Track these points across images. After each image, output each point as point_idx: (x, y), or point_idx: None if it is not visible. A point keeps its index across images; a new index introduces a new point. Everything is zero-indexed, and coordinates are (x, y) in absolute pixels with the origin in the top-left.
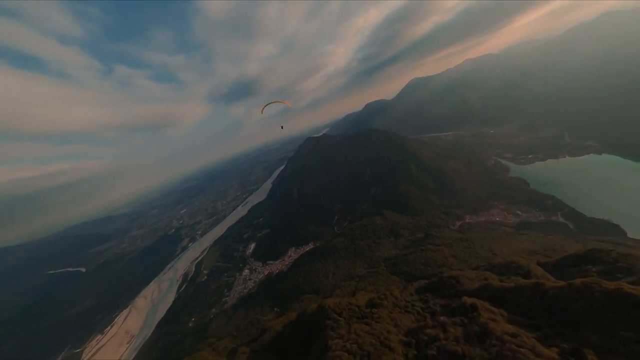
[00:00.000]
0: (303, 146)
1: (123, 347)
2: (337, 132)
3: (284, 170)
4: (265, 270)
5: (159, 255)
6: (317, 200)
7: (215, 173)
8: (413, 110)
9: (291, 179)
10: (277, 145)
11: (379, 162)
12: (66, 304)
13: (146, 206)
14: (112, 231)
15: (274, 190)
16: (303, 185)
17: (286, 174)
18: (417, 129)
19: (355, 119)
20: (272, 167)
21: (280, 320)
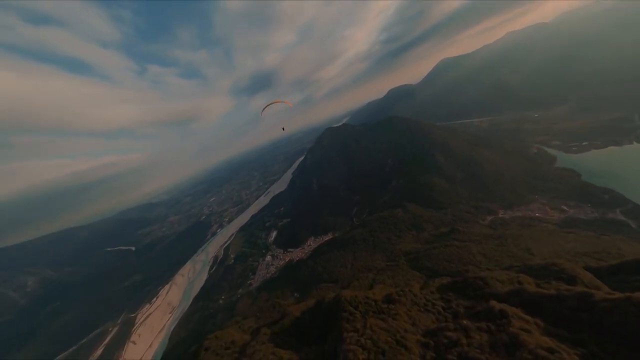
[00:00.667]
0: (322, 137)
1: (166, 317)
2: (357, 121)
3: (303, 161)
4: (286, 257)
5: (193, 239)
6: (336, 191)
7: (239, 164)
8: (442, 95)
9: (310, 169)
10: (297, 136)
11: (402, 152)
12: (121, 276)
13: (181, 194)
14: (154, 216)
15: (294, 181)
16: (322, 176)
17: (306, 165)
18: (446, 115)
19: (376, 107)
20: (292, 157)
21: (300, 306)
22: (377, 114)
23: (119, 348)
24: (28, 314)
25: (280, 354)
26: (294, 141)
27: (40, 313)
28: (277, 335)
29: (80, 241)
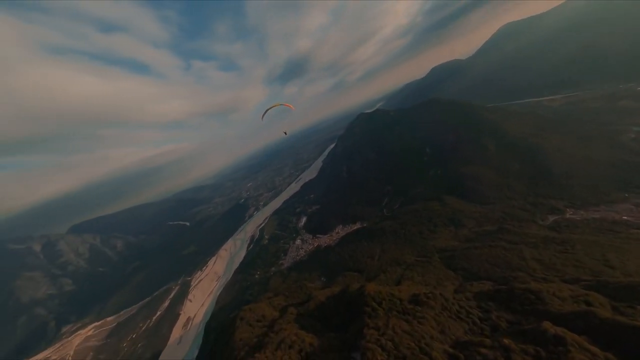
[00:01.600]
0: (354, 123)
1: (213, 283)
2: (392, 105)
3: (334, 148)
4: (314, 242)
5: (233, 219)
6: (367, 181)
7: (273, 151)
8: (499, 69)
9: (341, 157)
10: (328, 123)
11: (442, 139)
12: (180, 246)
13: (224, 179)
14: (202, 197)
15: (324, 169)
16: (352, 165)
17: (336, 153)
18: (504, 94)
19: (416, 88)
20: (323, 145)
21: (325, 292)
22: (416, 97)
23: (179, 303)
24: (118, 268)
25: (303, 335)
26: (325, 129)
27: (126, 269)
28: (302, 316)
29: (150, 215)
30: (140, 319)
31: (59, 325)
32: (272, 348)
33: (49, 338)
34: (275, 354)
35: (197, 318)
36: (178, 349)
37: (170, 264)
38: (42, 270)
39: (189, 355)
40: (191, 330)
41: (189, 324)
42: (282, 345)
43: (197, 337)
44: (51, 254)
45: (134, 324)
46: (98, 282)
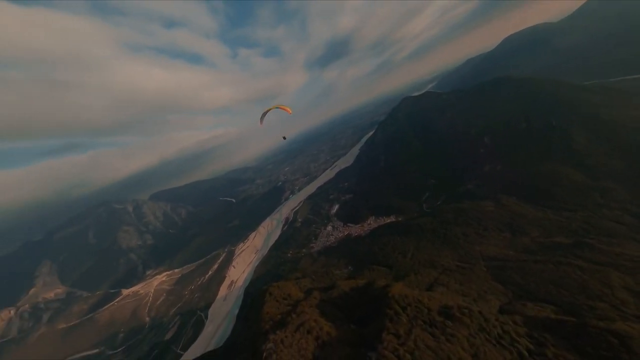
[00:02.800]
0: (398, 108)
1: (252, 255)
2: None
3: (373, 135)
4: (345, 231)
5: (271, 200)
6: (406, 172)
7: (311, 137)
8: (610, 33)
9: (379, 145)
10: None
11: (507, 128)
12: (227, 219)
13: (265, 162)
14: (246, 178)
15: (360, 157)
16: (392, 154)
17: (375, 140)
18: (610, 69)
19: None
20: (361, 131)
21: (350, 283)
22: (478, 75)
23: (225, 267)
24: (182, 232)
25: (322, 323)
26: (364, 114)
27: (187, 233)
28: (325, 303)
29: (205, 190)
30: (197, 274)
31: (144, 268)
32: (292, 329)
33: (138, 277)
34: (294, 335)
35: (238, 282)
36: (223, 304)
37: (219, 234)
38: (133, 226)
39: (231, 312)
40: (234, 291)
41: (232, 286)
42: (301, 329)
43: (238, 298)
44: (138, 214)
45: (193, 278)
46: (169, 240)
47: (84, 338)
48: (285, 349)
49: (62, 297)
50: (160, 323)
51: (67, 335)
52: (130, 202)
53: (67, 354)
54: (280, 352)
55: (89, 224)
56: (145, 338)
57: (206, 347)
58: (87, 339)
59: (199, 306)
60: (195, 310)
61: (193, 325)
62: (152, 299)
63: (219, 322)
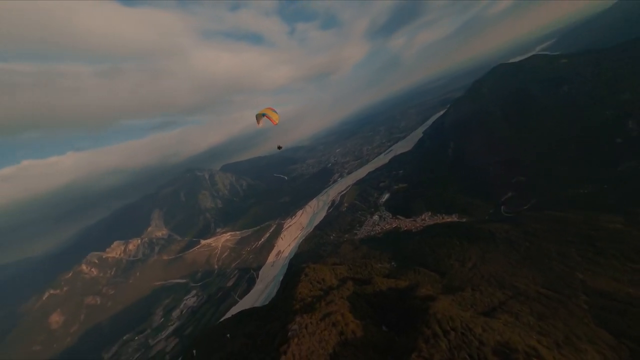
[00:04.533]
0: (483, 80)
1: (298, 231)
2: (571, 47)
3: (443, 116)
4: (393, 223)
5: (320, 181)
6: (483, 164)
7: (366, 117)
8: None
9: (450, 128)
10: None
11: None
12: (279, 194)
13: (317, 142)
14: (298, 156)
15: (423, 142)
16: (465, 139)
17: (444, 122)
18: None
19: (632, 11)
20: (428, 111)
21: (389, 281)
22: (630, 28)
23: (274, 237)
24: (242, 200)
25: (349, 319)
26: (434, 90)
27: (246, 203)
28: (358, 297)
29: (262, 165)
30: (252, 239)
31: (215, 226)
32: (318, 317)
33: (211, 232)
34: (319, 324)
35: (284, 253)
36: (271, 269)
37: (271, 207)
38: (208, 191)
39: (277, 277)
40: (280, 260)
41: (279, 255)
42: (327, 319)
43: (283, 267)
44: (212, 182)
45: (249, 241)
46: (233, 206)
47: (177, 269)
48: (307, 335)
49: (165, 237)
50: (224, 272)
51: (168, 265)
52: (207, 171)
53: (168, 278)
54: (301, 337)
55: (180, 185)
56: (214, 281)
57: (255, 301)
58: (179, 270)
59: (252, 266)
60: (249, 268)
61: (247, 280)
62: (220, 252)
63: (267, 283)
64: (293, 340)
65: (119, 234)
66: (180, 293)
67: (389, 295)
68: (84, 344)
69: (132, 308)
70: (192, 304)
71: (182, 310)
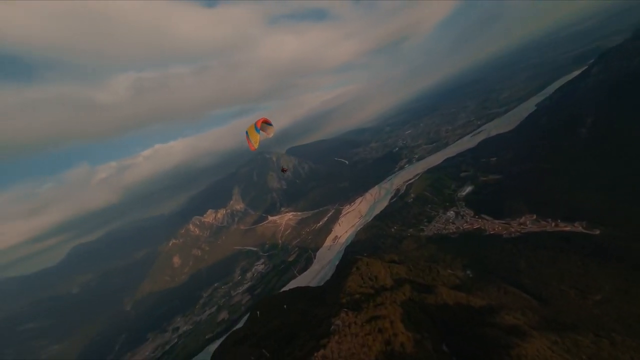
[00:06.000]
0: None
1: (356, 220)
2: None
3: (578, 78)
4: (474, 223)
5: (383, 167)
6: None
7: (449, 89)
8: None
9: (588, 96)
10: (570, 31)
11: None
12: (338, 179)
13: (383, 123)
14: (362, 140)
15: (536, 118)
16: (618, 112)
17: (578, 88)
18: None
19: None
20: (549, 74)
21: (458, 295)
22: None
23: (332, 222)
24: (304, 183)
25: (399, 330)
26: (559, 42)
27: (307, 186)
28: (414, 304)
29: (323, 149)
30: (311, 221)
31: (280, 205)
32: (363, 318)
33: (276, 210)
34: (363, 326)
35: (341, 239)
36: (327, 253)
37: (331, 191)
38: (275, 173)
39: (333, 261)
40: (336, 245)
41: (336, 240)
42: (373, 323)
43: (339, 252)
44: (278, 164)
45: (308, 223)
46: (295, 188)
47: (250, 238)
48: (349, 334)
49: (242, 210)
50: (286, 247)
51: (244, 233)
52: (274, 154)
53: (244, 244)
54: (343, 335)
55: (254, 166)
56: (278, 254)
57: (310, 280)
58: (251, 239)
59: (310, 246)
60: (308, 248)
61: (305, 259)
62: (283, 229)
63: (323, 265)
64: (334, 336)
65: (212, 203)
66: (253, 258)
67: (457, 312)
68: (191, 282)
69: (220, 263)
70: (261, 269)
71: (253, 273)
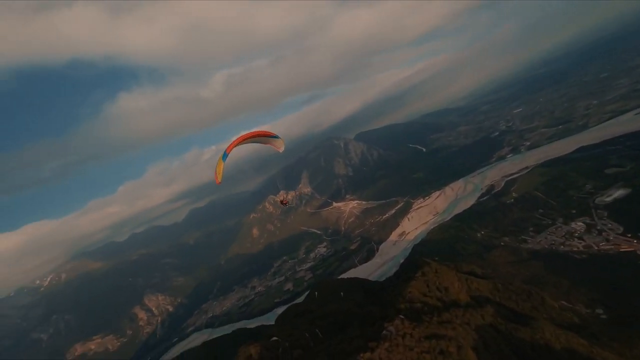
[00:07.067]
0: None
1: (430, 217)
2: None
3: None
4: (623, 244)
5: (474, 157)
6: None
7: (594, 46)
8: None
9: None
10: None
11: None
12: (411, 169)
13: (478, 101)
14: (445, 123)
15: None
16: None
17: None
18: None
19: None
20: None
21: (574, 340)
22: None
23: (400, 216)
24: (371, 171)
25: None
26: None
27: (375, 174)
28: (497, 335)
29: (396, 134)
30: (376, 212)
31: (345, 192)
32: (422, 332)
33: (341, 197)
34: (421, 342)
35: (409, 235)
36: (392, 248)
37: (401, 182)
38: (342, 159)
39: (397, 257)
40: (403, 241)
41: (403, 236)
42: (434, 342)
43: (405, 249)
44: (346, 150)
45: (373, 213)
46: (362, 176)
47: (315, 221)
48: (402, 345)
49: (309, 194)
50: (348, 235)
51: (310, 216)
52: (342, 140)
53: (309, 226)
54: (394, 344)
55: (321, 151)
56: (340, 240)
57: (370, 273)
58: (316, 223)
59: (374, 238)
60: (371, 239)
61: (367, 250)
62: (347, 216)
63: (385, 260)
64: (384, 342)
65: (284, 185)
66: (316, 240)
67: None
68: (265, 252)
69: (288, 239)
70: (323, 252)
71: (316, 254)
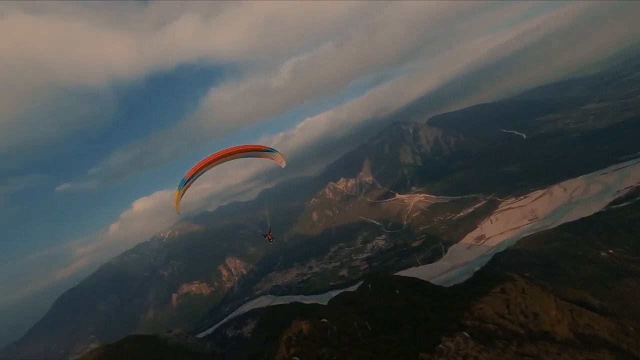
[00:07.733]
0: None
1: (523, 221)
2: None
3: None
4: None
5: (608, 146)
6: None
7: None
8: None
9: None
10: None
11: None
12: (502, 161)
13: (627, 65)
14: (564, 100)
15: None
16: None
17: None
18: None
19: None
20: None
21: None
22: None
23: (480, 217)
24: (445, 161)
25: None
26: None
27: (451, 164)
28: None
29: (483, 117)
30: (448, 209)
31: (410, 184)
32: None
33: (406, 188)
34: None
35: (490, 241)
36: (465, 252)
37: (485, 175)
38: (410, 146)
39: (469, 265)
40: (481, 247)
41: (481, 240)
42: None
43: (483, 257)
44: (415, 136)
45: (444, 210)
46: (433, 166)
47: (375, 212)
48: None
49: (370, 183)
50: (411, 230)
51: (369, 206)
52: (412, 125)
53: (368, 216)
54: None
55: (385, 138)
56: (401, 235)
57: (434, 276)
58: (375, 214)
59: (442, 238)
60: (438, 239)
61: (432, 250)
62: (411, 210)
63: (455, 265)
64: (437, 358)
65: (345, 172)
66: (374, 232)
67: None
68: (323, 236)
69: (346, 227)
70: (381, 245)
71: (373, 246)
